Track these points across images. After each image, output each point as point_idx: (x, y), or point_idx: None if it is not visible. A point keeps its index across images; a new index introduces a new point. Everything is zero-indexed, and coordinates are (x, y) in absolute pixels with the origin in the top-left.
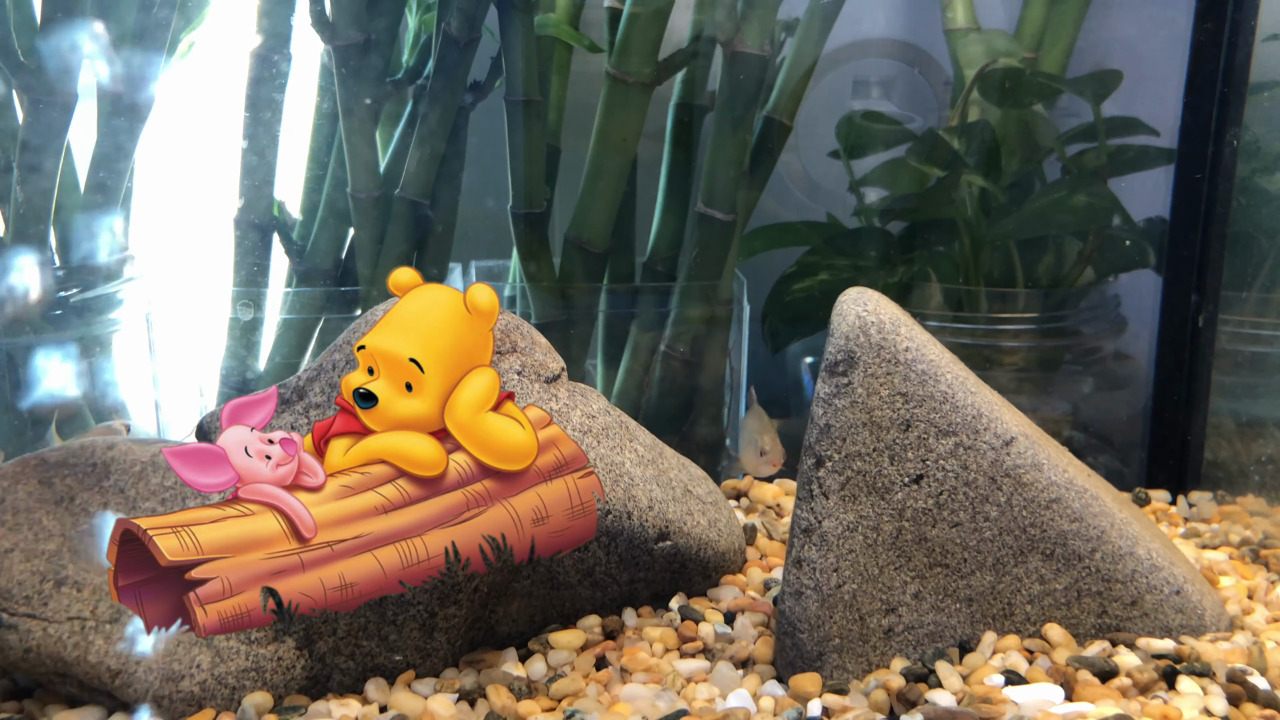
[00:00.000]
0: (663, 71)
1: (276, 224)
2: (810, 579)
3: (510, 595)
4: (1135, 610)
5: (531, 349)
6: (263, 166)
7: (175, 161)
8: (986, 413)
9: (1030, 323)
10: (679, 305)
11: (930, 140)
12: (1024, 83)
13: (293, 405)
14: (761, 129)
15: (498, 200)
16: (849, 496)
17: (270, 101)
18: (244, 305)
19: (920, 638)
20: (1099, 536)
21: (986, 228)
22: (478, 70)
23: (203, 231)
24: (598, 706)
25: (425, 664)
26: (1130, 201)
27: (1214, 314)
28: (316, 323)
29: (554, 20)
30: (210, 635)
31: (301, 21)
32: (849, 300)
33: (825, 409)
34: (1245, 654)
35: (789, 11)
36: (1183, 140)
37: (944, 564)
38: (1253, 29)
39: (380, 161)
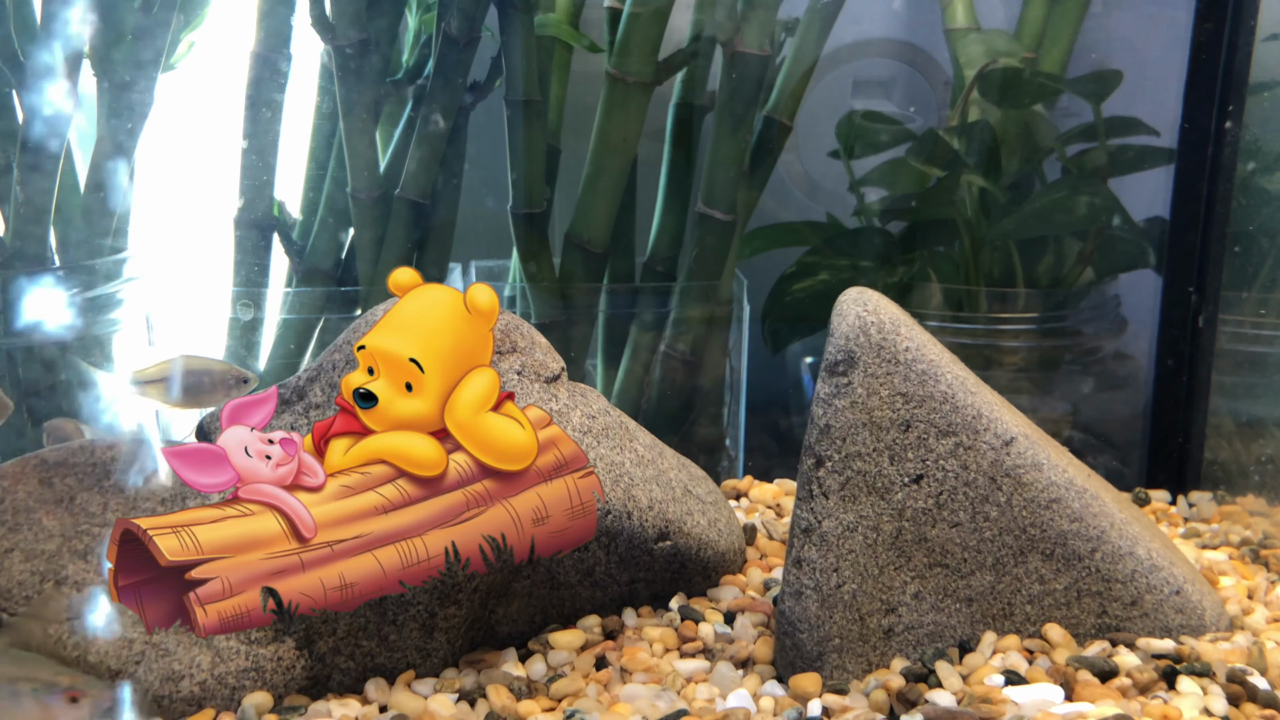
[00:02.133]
0: (663, 71)
1: (276, 224)
2: (810, 579)
3: (510, 595)
4: (1135, 610)
5: (531, 349)
6: (263, 166)
7: (175, 161)
8: (986, 413)
9: (1030, 323)
10: (679, 305)
11: (930, 140)
12: (1024, 83)
13: (293, 405)
14: (761, 129)
15: (498, 200)
16: (849, 496)
17: (270, 101)
18: (244, 305)
19: (920, 638)
20: (1099, 536)
21: (986, 228)
22: (478, 70)
23: (203, 231)
24: (598, 706)
25: (425, 664)
26: (1130, 201)
27: (1214, 314)
28: (316, 323)
29: (554, 20)
30: (210, 635)
31: (301, 21)
32: (849, 300)
33: (825, 409)
34: (1245, 654)
35: (789, 11)
36: (1183, 140)
37: (944, 564)
38: (1253, 29)
39: (380, 161)
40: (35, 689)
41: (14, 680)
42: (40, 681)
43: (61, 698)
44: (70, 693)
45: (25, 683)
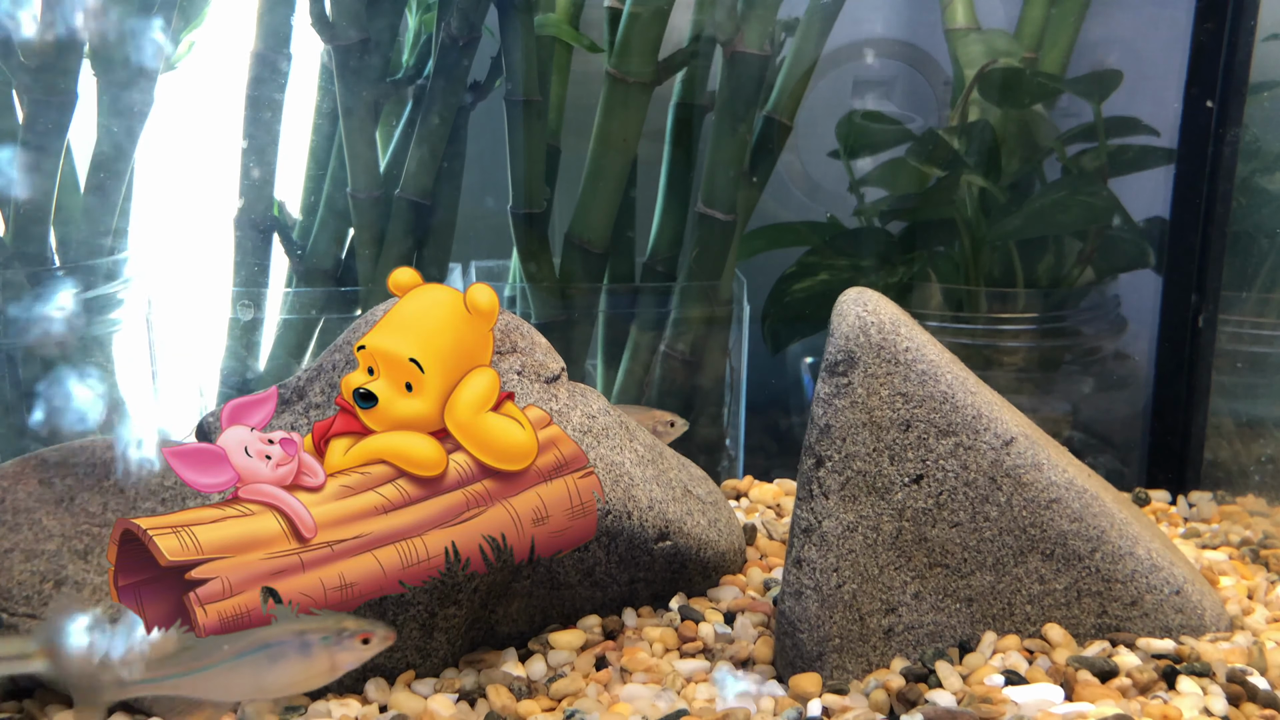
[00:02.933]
0: (663, 71)
1: (276, 224)
2: (810, 579)
3: (510, 595)
4: (1135, 610)
5: (531, 349)
6: (263, 166)
7: (175, 161)
8: (986, 413)
9: (1030, 323)
10: (679, 305)
11: (930, 140)
12: (1024, 83)
13: (293, 405)
14: (761, 129)
15: (498, 200)
16: (849, 496)
17: (270, 101)
18: (244, 305)
19: (920, 638)
20: (1099, 536)
21: (986, 228)
22: (478, 70)
23: (203, 231)
24: (598, 706)
25: (425, 664)
26: (1130, 201)
27: (1214, 314)
28: (316, 323)
29: (554, 20)
30: (210, 636)
31: (301, 21)
32: (849, 300)
33: (825, 409)
34: (1245, 654)
35: (789, 11)
36: (1183, 140)
37: (944, 564)
38: (1253, 29)
39: (380, 161)
40: (325, 637)
41: (302, 633)
42: (328, 630)
43: (354, 641)
44: (362, 635)
45: (314, 633)
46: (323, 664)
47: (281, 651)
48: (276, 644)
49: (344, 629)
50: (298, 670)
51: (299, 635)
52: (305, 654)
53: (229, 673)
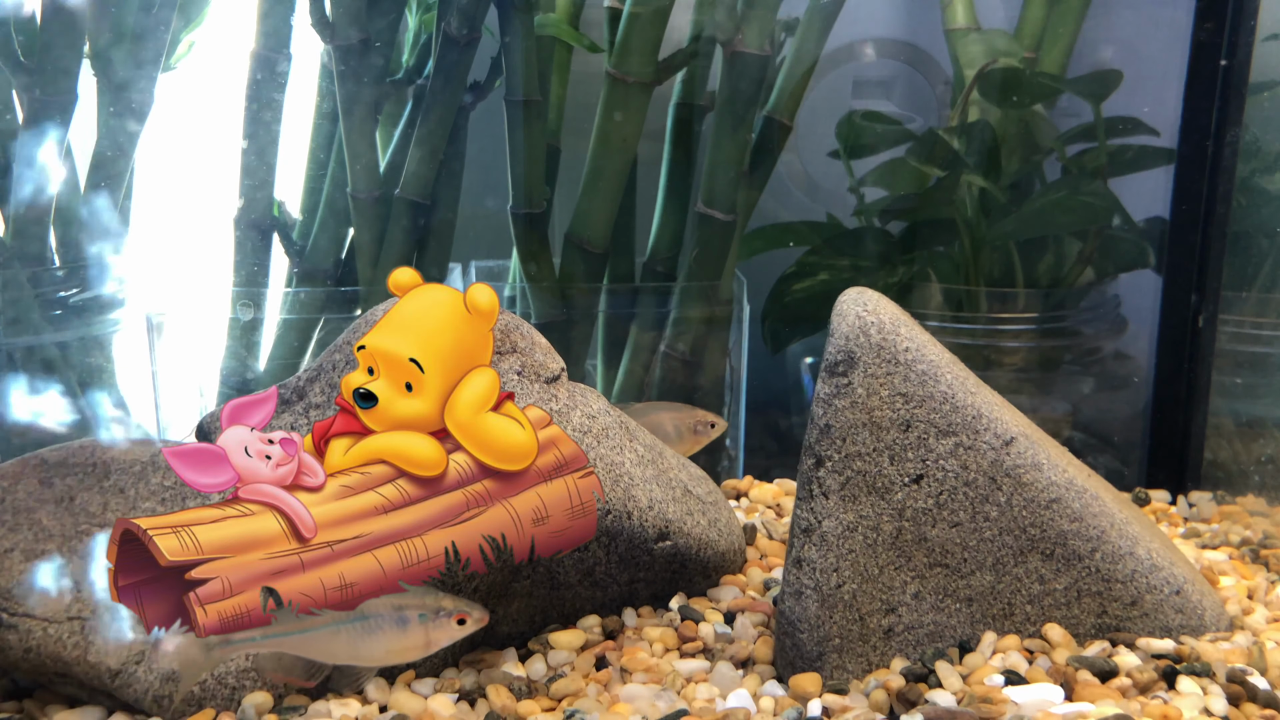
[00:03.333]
0: (663, 71)
1: (276, 224)
2: (810, 579)
3: (510, 595)
4: (1135, 610)
5: (531, 349)
6: (263, 166)
7: (175, 162)
8: (986, 413)
9: (1030, 323)
10: (679, 305)
11: (930, 140)
12: (1024, 83)
13: (293, 405)
14: (761, 129)
15: (498, 200)
16: (849, 496)
17: (270, 101)
18: (244, 305)
19: (920, 638)
20: (1099, 536)
21: (986, 228)
22: (478, 70)
23: (202, 232)
24: (598, 706)
25: (425, 664)
26: (1130, 201)
27: (1214, 314)
28: (316, 323)
29: (554, 20)
30: (210, 636)
31: (301, 21)
32: (849, 300)
33: (825, 409)
34: (1245, 654)
35: (789, 11)
36: (1183, 140)
37: (944, 564)
38: (1253, 29)
39: (380, 161)
40: (422, 614)
41: (401, 608)
42: (427, 607)
43: (450, 620)
44: (459, 615)
45: (412, 609)
46: (418, 639)
47: (379, 623)
48: (374, 616)
49: (441, 608)
50: (393, 642)
51: (397, 610)
52: (402, 628)
53: (330, 637)
